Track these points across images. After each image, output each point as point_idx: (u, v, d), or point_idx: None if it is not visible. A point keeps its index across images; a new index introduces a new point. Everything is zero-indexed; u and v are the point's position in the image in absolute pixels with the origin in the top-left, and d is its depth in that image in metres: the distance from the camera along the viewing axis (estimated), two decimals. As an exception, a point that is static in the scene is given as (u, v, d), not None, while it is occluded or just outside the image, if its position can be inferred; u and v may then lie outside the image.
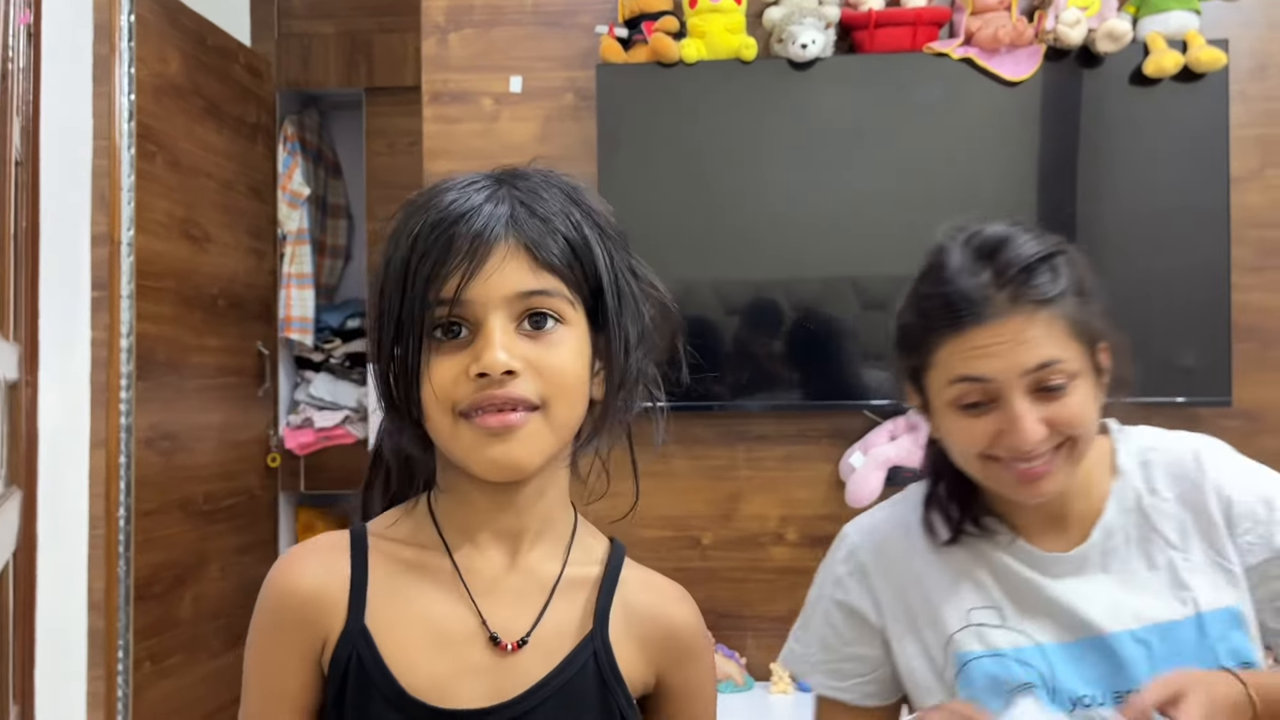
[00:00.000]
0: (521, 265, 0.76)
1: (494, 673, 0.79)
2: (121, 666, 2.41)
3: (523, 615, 0.81)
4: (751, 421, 2.38)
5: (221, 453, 2.94)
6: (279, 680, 0.80)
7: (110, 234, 2.42)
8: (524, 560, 0.83)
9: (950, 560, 1.08)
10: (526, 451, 0.77)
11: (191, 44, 2.78)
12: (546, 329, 0.77)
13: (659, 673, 0.85)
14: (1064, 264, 1.01)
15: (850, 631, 1.11)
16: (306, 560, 0.82)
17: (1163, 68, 2.18)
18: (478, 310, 0.76)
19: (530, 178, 0.81)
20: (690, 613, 0.87)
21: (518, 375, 0.75)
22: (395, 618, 0.79)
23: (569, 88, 2.43)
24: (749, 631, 2.37)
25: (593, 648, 0.81)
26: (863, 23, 2.28)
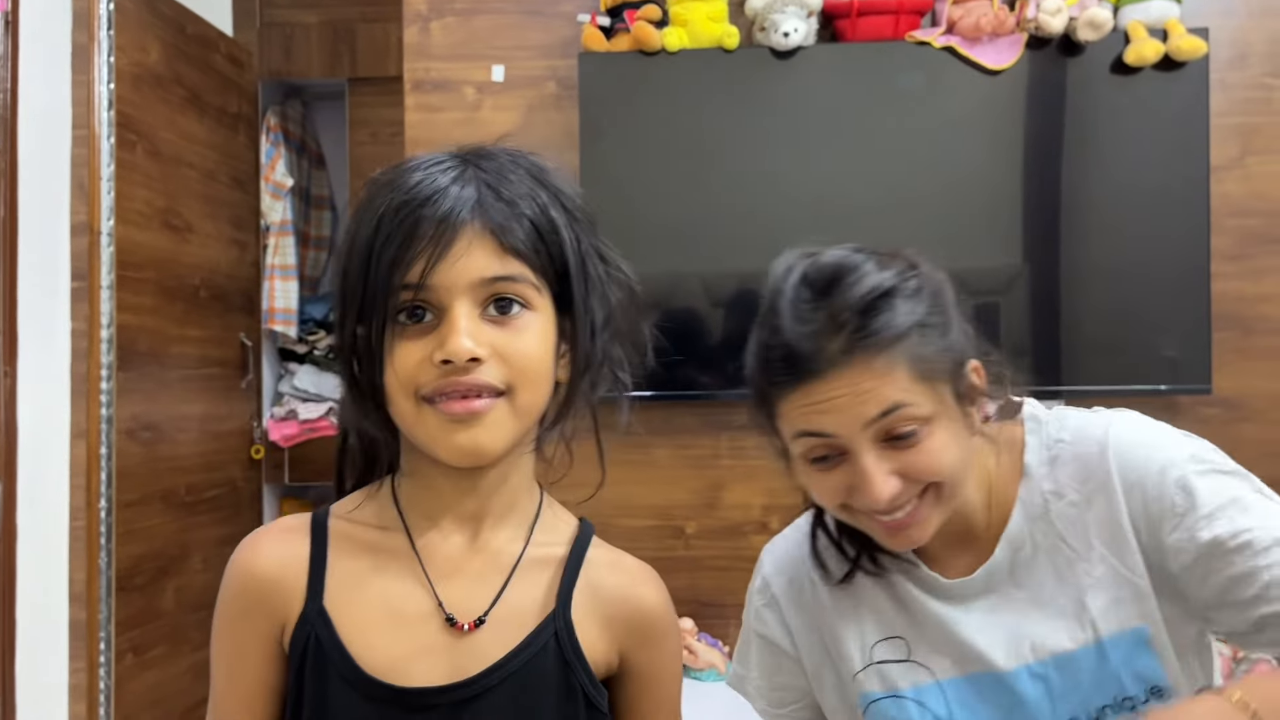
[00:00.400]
0: (487, 250, 0.75)
1: (451, 652, 0.79)
2: (103, 658, 2.40)
3: (481, 596, 0.81)
4: (735, 410, 2.38)
5: (204, 444, 2.93)
6: (243, 662, 0.81)
7: (90, 224, 2.40)
8: (486, 542, 0.83)
9: (854, 588, 1.01)
10: (491, 437, 0.76)
11: (171, 33, 2.77)
12: (512, 314, 0.76)
13: (622, 653, 0.84)
14: (905, 297, 0.90)
15: (773, 662, 1.06)
16: (266, 543, 0.82)
17: (1143, 56, 2.19)
18: (442, 295, 0.75)
19: (497, 158, 0.80)
20: (657, 594, 0.86)
21: (483, 362, 0.75)
22: (353, 599, 0.80)
23: (551, 76, 2.42)
24: (732, 620, 2.38)
25: (554, 627, 0.81)
26: (845, 11, 2.28)
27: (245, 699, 0.81)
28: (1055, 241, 2.28)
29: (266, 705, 0.81)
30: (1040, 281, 2.30)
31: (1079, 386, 2.26)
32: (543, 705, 0.80)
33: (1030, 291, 2.30)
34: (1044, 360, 2.30)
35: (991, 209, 2.31)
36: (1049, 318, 2.30)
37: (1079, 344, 2.28)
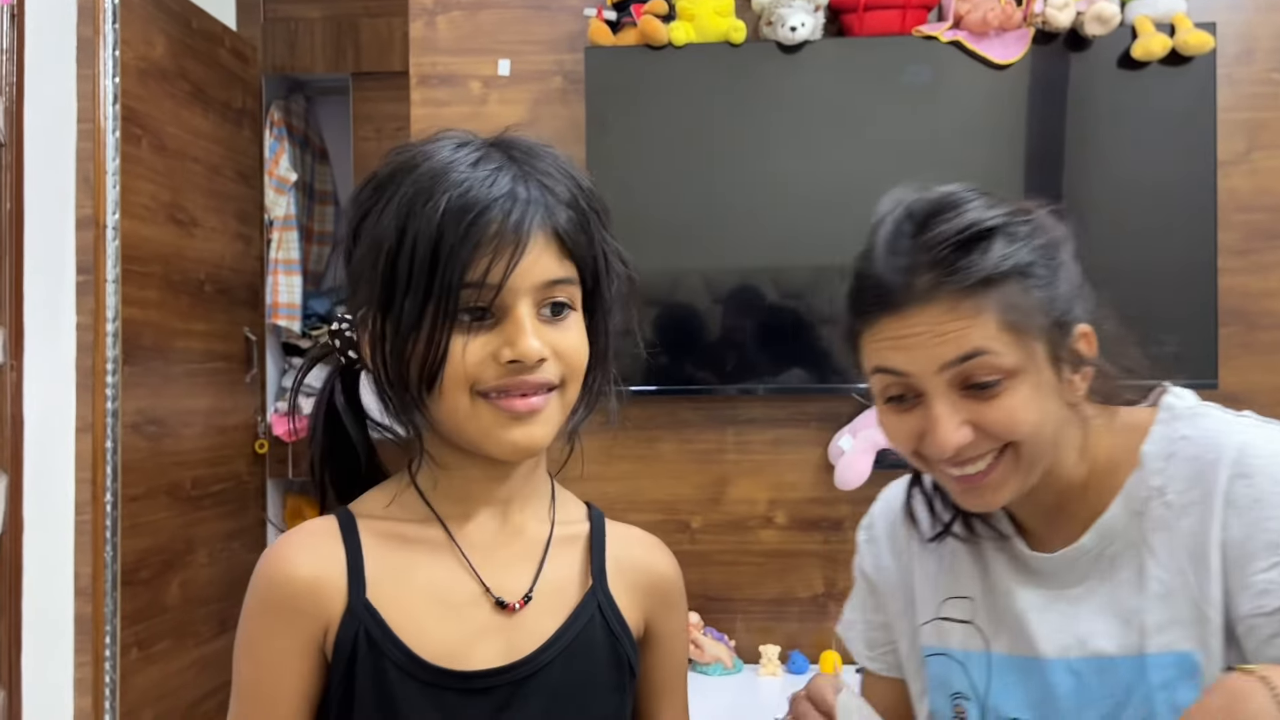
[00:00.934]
0: (552, 253, 0.78)
1: (504, 632, 0.81)
2: (109, 652, 2.40)
3: (521, 575, 0.83)
4: (740, 405, 2.38)
5: (209, 438, 2.93)
6: (277, 671, 0.79)
7: (95, 217, 2.40)
8: (514, 524, 0.85)
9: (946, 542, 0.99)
10: (545, 432, 0.80)
11: (176, 27, 2.76)
12: (562, 315, 0.80)
13: (647, 619, 0.89)
14: (1007, 240, 0.85)
15: (870, 601, 1.06)
16: (299, 546, 0.81)
17: (1150, 51, 2.19)
18: (508, 296, 0.76)
19: (532, 152, 0.80)
20: (672, 561, 0.92)
21: (546, 361, 0.78)
22: (397, 591, 0.80)
23: (557, 70, 2.42)
24: (738, 614, 2.38)
25: (596, 600, 0.85)
26: (852, 5, 2.28)
27: (282, 709, 0.79)
28: (1063, 236, 2.28)
29: (302, 713, 0.80)
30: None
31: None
32: (594, 675, 0.83)
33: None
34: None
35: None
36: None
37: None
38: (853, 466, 2.22)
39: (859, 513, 2.34)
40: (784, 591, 2.39)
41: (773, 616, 2.38)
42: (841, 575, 2.38)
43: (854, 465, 2.22)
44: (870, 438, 2.23)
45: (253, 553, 3.19)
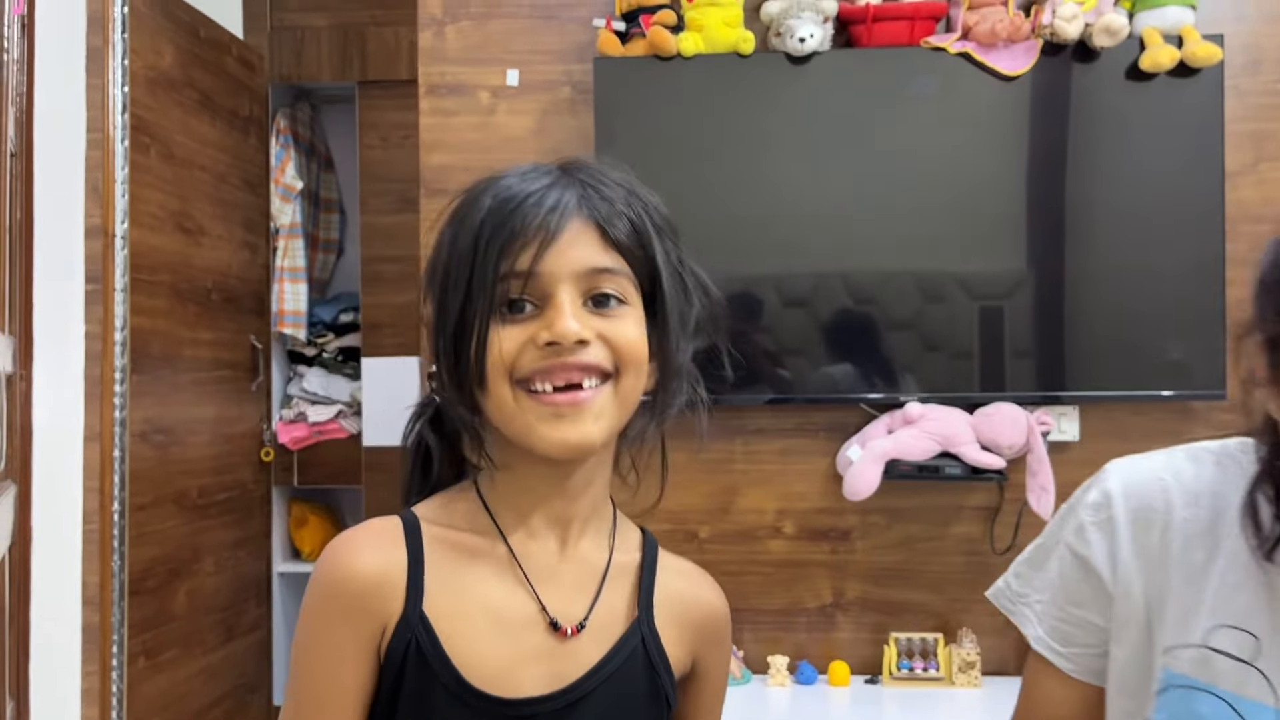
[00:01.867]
0: (592, 241, 0.77)
1: (553, 658, 0.80)
2: (116, 661, 2.39)
3: (578, 601, 0.82)
4: (748, 415, 2.39)
5: (215, 446, 2.93)
6: (338, 668, 0.78)
7: (104, 227, 2.40)
8: (574, 548, 0.84)
9: (1233, 555, 0.83)
10: (596, 429, 0.77)
11: (185, 36, 2.77)
12: (611, 307, 0.78)
13: (694, 655, 0.88)
14: None
15: (1079, 590, 0.91)
16: (365, 545, 0.80)
17: (1158, 62, 2.19)
18: (547, 283, 0.76)
19: (591, 165, 0.82)
20: (721, 598, 0.91)
21: (589, 345, 0.76)
22: (454, 604, 0.79)
23: (566, 81, 2.42)
24: (746, 625, 2.38)
25: (640, 633, 0.83)
26: (860, 17, 2.28)
27: (338, 705, 0.78)
28: (1071, 247, 2.28)
29: (355, 712, 0.78)
30: (1055, 286, 2.30)
31: (1089, 391, 2.27)
32: (633, 708, 0.82)
33: (1044, 295, 2.30)
34: (1050, 365, 2.30)
35: (1007, 214, 2.31)
36: (1070, 321, 2.30)
37: (1111, 349, 2.27)
38: (861, 476, 2.22)
39: (867, 523, 2.36)
40: (792, 602, 2.39)
41: (781, 627, 2.38)
42: (850, 585, 2.38)
43: (863, 475, 2.22)
44: (879, 448, 2.24)
45: (258, 561, 3.19)
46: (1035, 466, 2.22)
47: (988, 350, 2.31)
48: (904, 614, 2.36)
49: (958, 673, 2.24)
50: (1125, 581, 0.88)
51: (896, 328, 2.30)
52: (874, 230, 2.30)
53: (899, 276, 2.30)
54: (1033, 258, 2.32)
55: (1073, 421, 2.32)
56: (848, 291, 2.31)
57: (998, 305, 2.30)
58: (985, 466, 2.22)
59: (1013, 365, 2.30)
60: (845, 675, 2.28)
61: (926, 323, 2.30)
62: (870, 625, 2.37)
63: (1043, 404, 2.28)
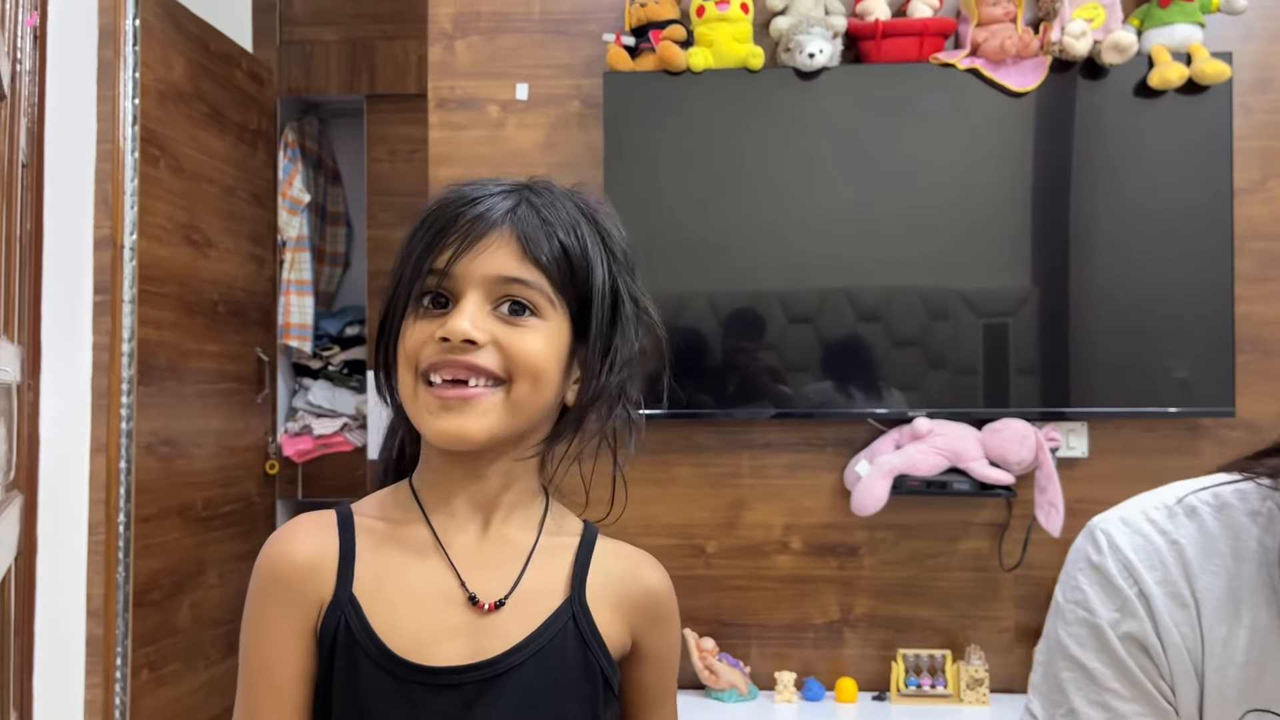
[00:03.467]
0: (510, 253, 0.82)
1: (474, 633, 0.84)
2: (120, 674, 2.38)
3: (501, 580, 0.86)
4: (756, 429, 2.38)
5: (220, 459, 2.93)
6: (280, 651, 0.83)
7: (113, 238, 2.41)
8: (498, 532, 0.87)
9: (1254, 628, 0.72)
10: (478, 424, 0.81)
11: (195, 49, 2.78)
12: (521, 317, 0.82)
13: (635, 636, 0.90)
14: None
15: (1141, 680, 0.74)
16: (299, 533, 0.86)
17: (1167, 80, 2.20)
18: (459, 284, 0.82)
19: (553, 190, 0.87)
20: (662, 577, 0.92)
21: (480, 347, 0.81)
22: (380, 587, 0.84)
23: (575, 95, 2.43)
24: (753, 640, 2.37)
25: (572, 610, 0.86)
26: (869, 33, 2.29)
27: (281, 686, 0.83)
28: (1078, 263, 2.29)
29: (302, 692, 0.83)
30: (1061, 303, 2.30)
31: (1096, 408, 2.27)
32: (563, 683, 0.85)
33: (1050, 312, 2.30)
34: (1056, 381, 2.30)
35: (1014, 230, 2.31)
36: (1076, 338, 2.30)
37: (1118, 365, 2.27)
38: (870, 492, 2.22)
39: (875, 538, 2.36)
40: (800, 617, 2.38)
41: (788, 643, 2.37)
42: (858, 601, 2.37)
43: (871, 490, 2.22)
44: (887, 463, 2.23)
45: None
46: (1044, 483, 2.21)
47: (993, 366, 2.30)
48: (912, 630, 2.35)
49: (966, 690, 2.23)
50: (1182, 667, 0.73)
51: (902, 344, 2.30)
52: (881, 246, 2.30)
53: (905, 292, 2.30)
54: (1039, 274, 2.31)
55: (1081, 438, 2.32)
56: (853, 307, 2.31)
57: (1003, 321, 2.30)
58: (994, 482, 2.22)
59: (1018, 381, 2.30)
60: (853, 692, 2.26)
61: (932, 339, 2.30)
62: (878, 642, 2.36)
63: (1048, 420, 2.27)
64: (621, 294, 0.86)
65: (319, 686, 0.84)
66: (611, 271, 0.86)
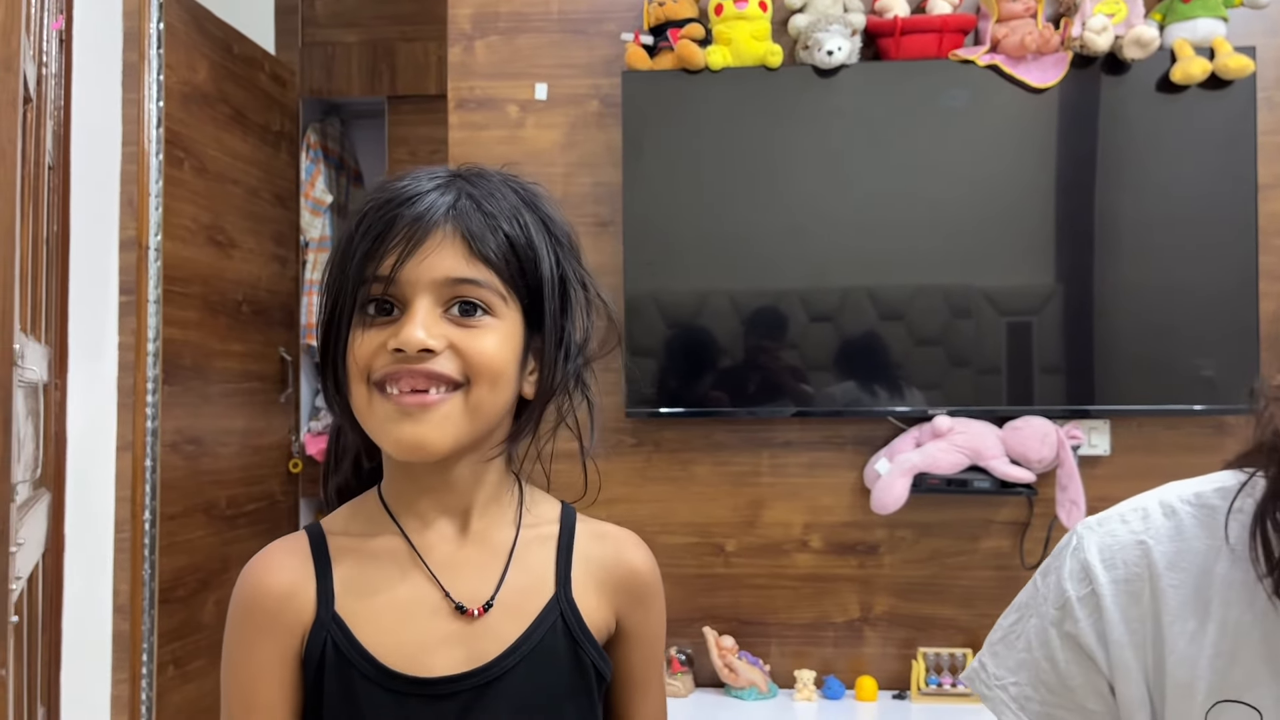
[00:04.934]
0: (456, 253, 0.79)
1: (466, 640, 0.82)
2: (145, 670, 2.41)
3: (484, 582, 0.84)
4: (775, 428, 2.38)
5: (244, 457, 2.96)
6: (263, 680, 0.82)
7: (138, 239, 2.43)
8: (476, 532, 0.86)
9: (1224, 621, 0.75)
10: (440, 433, 0.79)
11: (218, 52, 2.81)
12: (474, 317, 0.80)
13: (619, 616, 0.89)
14: None
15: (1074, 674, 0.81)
16: (273, 561, 0.85)
17: (1190, 74, 2.18)
18: (407, 290, 0.79)
19: (489, 177, 0.84)
20: (645, 556, 0.91)
21: (437, 354, 0.78)
22: (363, 602, 0.83)
23: (594, 95, 2.44)
24: (773, 639, 2.37)
25: (559, 607, 0.85)
26: (888, 30, 2.29)
27: (265, 713, 0.82)
28: (1101, 260, 2.27)
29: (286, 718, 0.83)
30: (1085, 300, 2.28)
31: (1119, 405, 2.25)
32: (557, 682, 0.84)
33: (1073, 309, 2.28)
34: (1080, 379, 2.28)
35: (1036, 228, 2.30)
36: (1100, 335, 2.28)
37: (1142, 363, 2.26)
38: (889, 490, 2.21)
39: (895, 537, 2.35)
40: (819, 616, 2.37)
41: (808, 641, 2.37)
42: (878, 600, 2.37)
43: (891, 489, 2.21)
44: (907, 461, 2.23)
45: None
46: (1065, 480, 2.20)
47: (1016, 364, 2.29)
48: (932, 629, 2.34)
49: (987, 689, 2.21)
50: (1122, 663, 0.79)
51: (924, 343, 2.29)
52: (902, 244, 2.30)
53: (927, 291, 2.29)
54: (1062, 271, 2.30)
55: (1104, 435, 2.30)
56: (875, 306, 2.30)
57: (1027, 319, 2.28)
58: (1015, 480, 2.21)
59: (1041, 379, 2.28)
60: (873, 690, 2.26)
61: (954, 337, 2.29)
62: (898, 640, 2.35)
63: (1072, 418, 2.26)
64: (570, 280, 0.85)
65: (308, 711, 0.83)
66: (558, 258, 0.84)
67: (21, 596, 1.70)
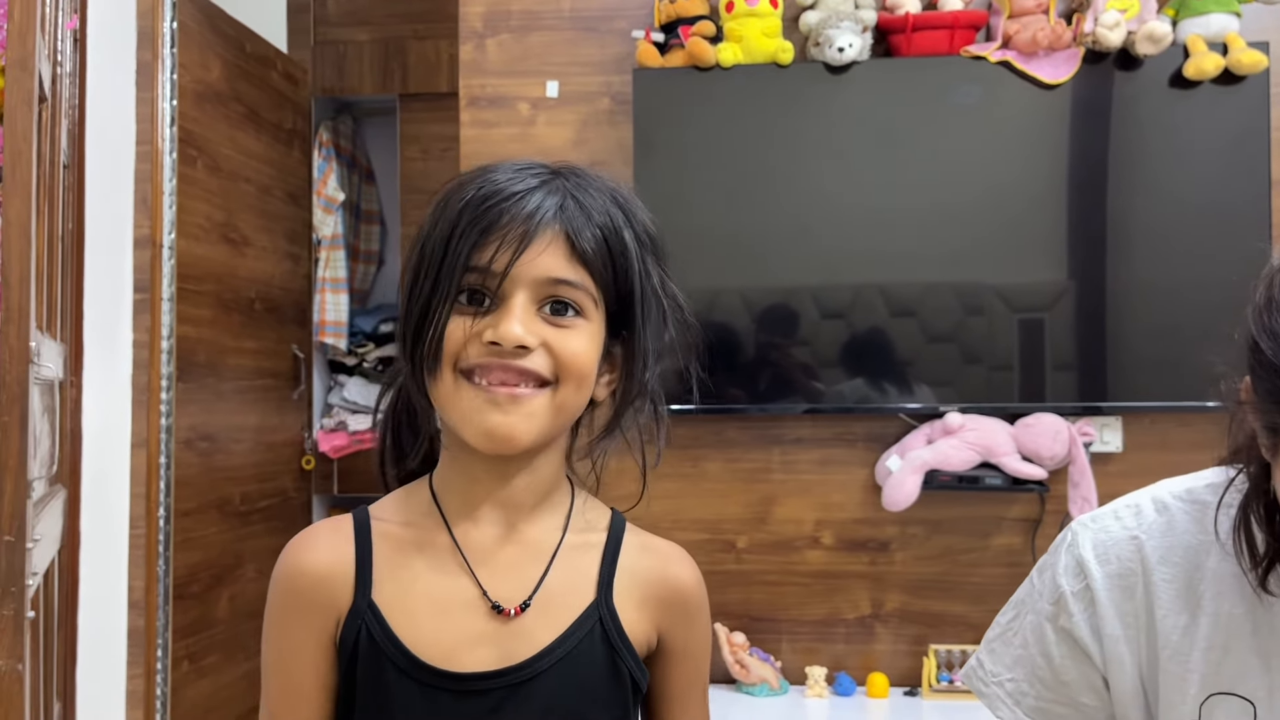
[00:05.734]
0: (559, 253, 0.80)
1: (500, 639, 0.82)
2: (160, 665, 2.43)
3: (523, 583, 0.84)
4: (786, 425, 2.38)
5: (257, 454, 2.97)
6: (298, 658, 0.83)
7: (152, 237, 2.45)
8: (522, 531, 0.85)
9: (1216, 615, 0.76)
10: (526, 426, 0.79)
11: (231, 51, 2.82)
12: (566, 317, 0.80)
13: (661, 632, 0.87)
14: None
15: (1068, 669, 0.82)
16: (314, 542, 0.85)
17: (1203, 70, 2.17)
18: (507, 284, 0.79)
19: (587, 178, 0.84)
20: (691, 572, 0.89)
21: (530, 351, 0.78)
22: (400, 593, 0.83)
23: (605, 92, 2.44)
24: (784, 635, 2.37)
25: (599, 613, 0.84)
26: (899, 26, 2.28)
27: (303, 696, 0.83)
28: (1114, 257, 2.26)
29: (323, 702, 0.83)
30: (1097, 297, 2.28)
31: (1132, 402, 2.25)
32: (591, 688, 0.83)
33: (1086, 306, 2.28)
34: (1092, 376, 2.28)
35: (1049, 224, 2.29)
36: (1112, 332, 2.28)
37: (1154, 360, 2.25)
38: (901, 487, 2.21)
39: (906, 534, 2.35)
40: (830, 612, 2.38)
41: (819, 637, 2.37)
42: (889, 597, 2.36)
43: (902, 486, 2.21)
44: (918, 458, 2.22)
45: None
46: (1077, 477, 2.20)
47: (1028, 361, 2.29)
48: (943, 626, 2.34)
49: (999, 686, 2.21)
50: (1116, 656, 0.80)
51: (936, 339, 2.29)
52: (914, 241, 2.29)
53: (939, 288, 2.29)
54: (1074, 268, 2.30)
55: (1116, 432, 2.30)
56: (886, 303, 2.30)
57: (1039, 316, 2.28)
58: (1026, 477, 2.20)
59: (1054, 376, 2.28)
60: (884, 687, 2.26)
61: (966, 334, 2.28)
62: (909, 637, 2.35)
63: (1084, 415, 2.25)
64: (657, 288, 0.85)
65: (341, 696, 0.83)
66: (645, 261, 0.84)
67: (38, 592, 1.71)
